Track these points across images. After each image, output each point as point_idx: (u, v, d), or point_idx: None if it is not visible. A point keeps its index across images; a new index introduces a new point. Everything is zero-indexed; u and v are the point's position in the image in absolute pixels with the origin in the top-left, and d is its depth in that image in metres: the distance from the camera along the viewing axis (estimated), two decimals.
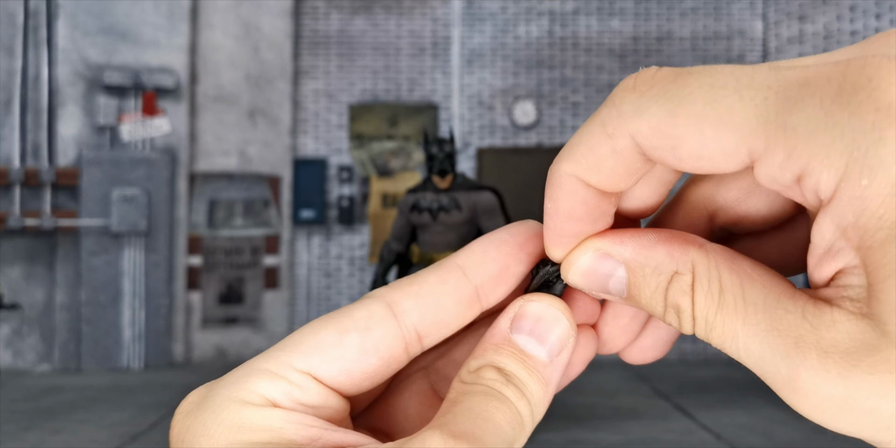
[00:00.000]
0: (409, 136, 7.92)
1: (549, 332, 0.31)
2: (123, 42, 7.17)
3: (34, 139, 7.04)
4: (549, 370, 0.31)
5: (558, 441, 4.68)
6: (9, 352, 7.03)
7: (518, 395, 0.30)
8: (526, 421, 0.30)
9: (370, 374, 0.31)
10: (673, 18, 7.99)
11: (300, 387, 0.30)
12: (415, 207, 4.51)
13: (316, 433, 0.29)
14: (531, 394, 0.30)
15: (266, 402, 0.29)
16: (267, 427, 0.29)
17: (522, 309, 0.31)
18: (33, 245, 7.02)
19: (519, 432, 0.29)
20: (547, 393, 0.31)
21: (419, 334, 0.32)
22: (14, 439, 4.59)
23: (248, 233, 7.53)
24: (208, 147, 7.47)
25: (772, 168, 0.26)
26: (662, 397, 5.97)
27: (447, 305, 0.32)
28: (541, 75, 8.00)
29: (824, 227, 0.25)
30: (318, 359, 0.30)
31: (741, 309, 0.27)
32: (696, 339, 7.83)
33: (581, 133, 0.29)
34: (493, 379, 0.30)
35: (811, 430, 4.93)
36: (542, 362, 0.31)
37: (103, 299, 6.95)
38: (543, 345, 0.31)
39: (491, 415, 0.28)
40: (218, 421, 0.29)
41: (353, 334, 0.31)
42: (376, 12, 8.02)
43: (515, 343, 0.31)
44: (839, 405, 0.25)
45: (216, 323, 7.42)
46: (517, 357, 0.31)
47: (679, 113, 0.26)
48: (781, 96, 0.25)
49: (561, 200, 0.31)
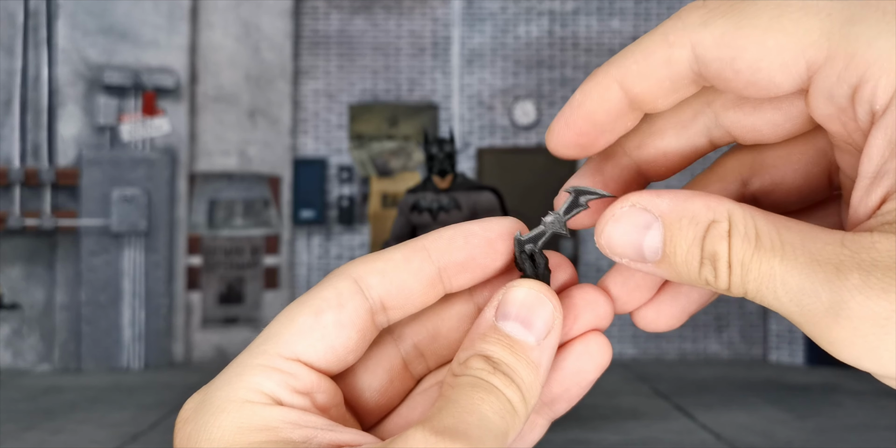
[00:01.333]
0: (409, 136, 7.91)
1: (533, 316, 0.31)
2: (123, 42, 7.17)
3: (34, 139, 7.04)
4: (538, 353, 0.31)
5: (558, 441, 4.68)
6: (9, 352, 7.03)
7: (506, 382, 0.30)
8: (518, 407, 0.30)
9: (352, 348, 0.32)
10: None
11: (293, 374, 0.31)
12: (415, 207, 4.51)
13: (311, 433, 0.29)
14: (521, 379, 0.30)
15: (265, 398, 0.30)
16: (265, 426, 0.29)
17: (505, 296, 0.32)
18: (33, 245, 7.02)
19: (511, 420, 0.29)
20: (538, 376, 0.31)
21: (384, 306, 0.33)
22: (14, 439, 4.59)
23: (248, 233, 7.53)
24: (208, 147, 7.47)
25: (829, 80, 0.26)
26: (662, 397, 5.97)
27: (410, 283, 0.33)
28: (541, 75, 8.00)
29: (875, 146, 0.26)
30: (303, 343, 0.31)
31: (778, 249, 0.27)
32: (696, 339, 7.83)
33: (639, 42, 0.30)
34: (479, 368, 0.30)
35: (811, 430, 4.93)
36: (529, 346, 0.31)
37: (103, 299, 6.95)
38: (529, 329, 0.31)
39: (477, 407, 0.29)
40: (217, 424, 0.29)
41: (328, 313, 0.32)
42: (376, 12, 8.02)
43: (501, 330, 0.31)
44: (882, 324, 0.25)
45: (216, 323, 7.42)
46: (503, 343, 0.31)
47: (744, 25, 0.27)
48: (846, 12, 0.26)
49: (590, 98, 0.31)
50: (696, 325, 7.86)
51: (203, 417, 0.29)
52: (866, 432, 4.89)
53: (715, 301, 8.01)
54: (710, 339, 7.86)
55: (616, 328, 7.82)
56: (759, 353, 7.84)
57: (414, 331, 0.36)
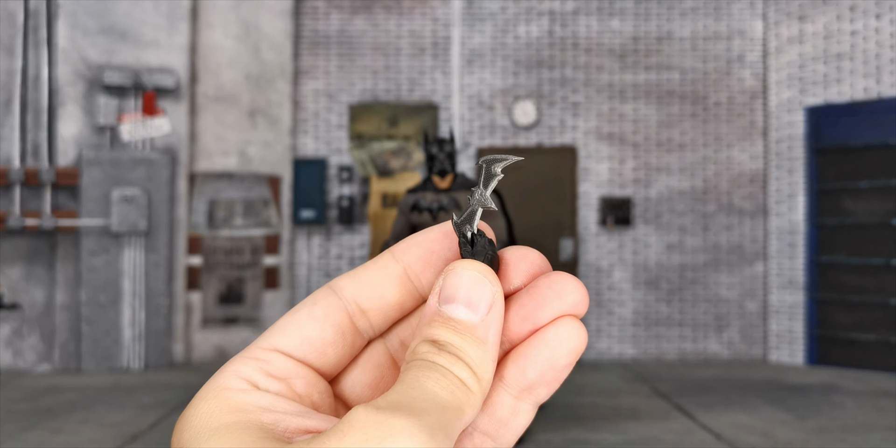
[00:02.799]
0: (409, 136, 7.91)
1: (472, 295, 0.33)
2: (123, 42, 7.17)
3: (34, 139, 7.03)
4: (483, 330, 0.32)
5: (558, 441, 4.68)
6: (9, 352, 7.02)
7: (452, 360, 0.31)
8: (469, 382, 0.31)
9: (329, 341, 0.34)
10: (673, 18, 7.99)
11: (268, 361, 0.33)
12: (415, 207, 4.50)
13: (280, 417, 0.31)
14: (469, 356, 0.31)
15: (242, 384, 0.32)
16: (236, 409, 0.31)
17: (444, 281, 0.33)
18: (33, 245, 7.02)
19: (463, 395, 0.30)
20: (486, 351, 0.32)
21: (361, 308, 0.35)
22: (14, 439, 4.59)
23: (248, 233, 7.52)
24: (208, 147, 7.47)
25: None
26: (662, 397, 5.97)
27: (378, 280, 0.35)
28: (541, 75, 7.99)
29: None
30: (278, 335, 0.34)
31: None
32: (696, 339, 7.83)
33: None
34: (426, 351, 0.31)
35: (811, 430, 4.93)
36: (472, 324, 0.32)
37: (103, 299, 6.95)
38: (470, 307, 0.32)
39: (421, 383, 0.30)
40: (196, 411, 0.32)
41: (302, 310, 0.35)
42: (376, 12, 8.02)
43: (444, 313, 0.33)
44: None
45: (216, 323, 7.42)
46: (448, 326, 0.32)
47: None
48: None
49: None
50: (696, 325, 7.86)
51: (189, 410, 0.32)
52: (866, 432, 4.89)
53: (715, 301, 8.00)
54: (710, 339, 7.86)
55: (616, 328, 7.82)
56: (759, 353, 7.84)
57: (399, 327, 0.37)
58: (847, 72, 7.28)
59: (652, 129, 7.94)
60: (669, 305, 7.86)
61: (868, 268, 7.16)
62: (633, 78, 7.96)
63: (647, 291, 7.87)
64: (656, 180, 7.93)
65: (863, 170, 7.23)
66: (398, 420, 0.28)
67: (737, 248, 7.89)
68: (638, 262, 7.88)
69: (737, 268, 7.88)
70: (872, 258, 7.13)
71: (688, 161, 7.93)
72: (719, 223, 7.90)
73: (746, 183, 7.91)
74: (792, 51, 7.67)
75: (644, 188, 7.92)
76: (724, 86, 7.95)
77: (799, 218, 7.60)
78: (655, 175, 7.93)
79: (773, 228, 7.79)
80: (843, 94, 7.30)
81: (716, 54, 7.97)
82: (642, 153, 7.94)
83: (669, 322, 7.85)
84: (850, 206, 7.30)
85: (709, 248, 7.89)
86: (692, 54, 7.97)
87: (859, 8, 7.24)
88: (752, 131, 7.93)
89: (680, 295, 7.87)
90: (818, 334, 7.46)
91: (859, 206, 7.25)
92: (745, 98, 7.94)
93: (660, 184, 7.93)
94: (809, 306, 7.51)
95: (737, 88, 7.94)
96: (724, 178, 7.92)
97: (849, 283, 7.29)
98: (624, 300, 7.86)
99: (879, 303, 7.08)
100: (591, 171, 7.92)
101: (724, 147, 7.94)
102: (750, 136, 7.94)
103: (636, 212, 7.90)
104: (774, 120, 7.80)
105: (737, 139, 7.94)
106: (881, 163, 7.11)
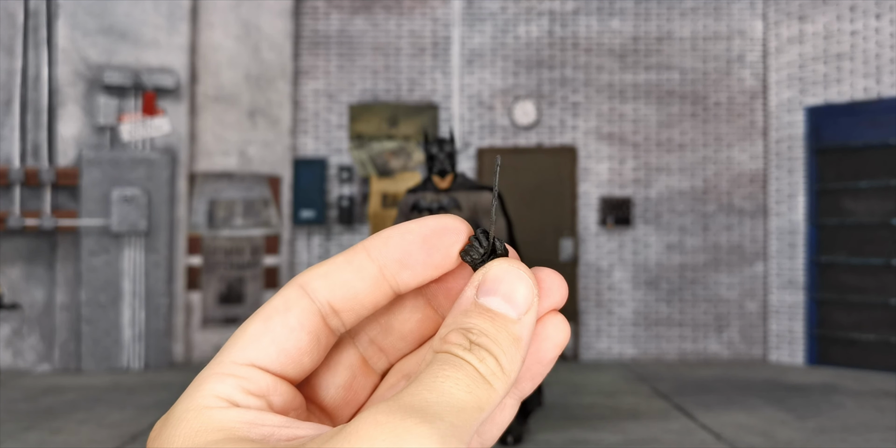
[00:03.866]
0: (409, 136, 7.91)
1: (514, 291, 0.32)
2: (123, 42, 7.16)
3: (34, 139, 7.03)
4: (519, 327, 0.32)
5: (558, 441, 4.68)
6: (9, 352, 7.02)
7: (481, 356, 0.30)
8: (493, 379, 0.30)
9: (305, 350, 0.33)
10: (673, 18, 7.98)
11: (247, 378, 0.32)
12: (415, 207, 4.50)
13: (268, 431, 0.30)
14: (502, 350, 0.31)
15: (221, 402, 0.31)
16: (220, 427, 0.30)
17: (486, 274, 0.33)
18: (33, 245, 7.02)
19: (485, 393, 0.30)
20: (519, 348, 0.32)
21: (334, 308, 0.34)
22: (14, 439, 4.59)
23: (248, 233, 7.52)
24: (208, 147, 7.46)
25: None
26: (662, 397, 5.96)
27: (353, 282, 0.34)
28: (541, 75, 7.99)
29: None
30: (254, 348, 0.32)
31: None
32: (696, 339, 7.83)
33: None
34: (455, 344, 0.31)
35: (811, 430, 4.92)
36: (511, 319, 0.32)
37: (103, 299, 6.95)
38: (510, 303, 0.32)
39: (440, 384, 0.29)
40: (178, 433, 0.30)
41: (276, 318, 0.33)
42: (376, 12, 8.02)
43: (483, 305, 0.32)
44: None
45: (216, 323, 7.42)
46: (485, 316, 0.32)
47: None
48: None
49: None
50: (696, 325, 7.86)
51: (166, 431, 0.30)
52: (866, 432, 4.89)
53: (715, 301, 7.99)
54: (710, 339, 7.86)
55: (616, 328, 7.82)
56: (759, 353, 7.84)
57: (367, 326, 0.37)
58: (847, 72, 7.28)
59: (652, 129, 7.94)
60: (669, 305, 7.86)
61: (868, 268, 7.16)
62: (633, 78, 7.96)
63: (647, 291, 7.87)
64: (656, 180, 7.93)
65: (863, 170, 7.23)
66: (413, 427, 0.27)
67: (737, 248, 7.89)
68: (638, 262, 7.88)
69: (737, 268, 7.88)
70: (872, 258, 7.13)
71: (688, 161, 7.93)
72: (719, 223, 7.90)
73: (746, 183, 7.91)
74: (792, 51, 7.67)
75: (644, 188, 7.92)
76: (724, 86, 7.95)
77: (799, 218, 7.60)
78: (655, 175, 7.93)
79: (773, 228, 7.79)
80: (843, 94, 7.30)
81: (716, 54, 7.97)
82: (642, 153, 7.94)
83: (669, 322, 7.85)
84: (850, 206, 7.30)
85: (709, 248, 7.89)
86: (692, 54, 7.97)
87: (859, 8, 7.24)
88: (752, 131, 7.93)
89: (680, 295, 7.87)
90: (818, 334, 7.46)
91: (859, 206, 7.25)
92: (745, 98, 7.94)
93: (660, 184, 7.93)
94: (809, 306, 7.51)
95: (737, 88, 7.94)
96: (724, 178, 7.92)
97: (849, 283, 7.29)
98: (624, 300, 7.86)
99: (879, 303, 7.08)
100: (591, 171, 7.92)
101: (724, 147, 7.94)
102: (750, 136, 7.94)
103: (636, 212, 7.90)
104: (774, 120, 7.80)
105: (737, 139, 7.94)
106: (881, 163, 7.11)
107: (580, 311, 7.80)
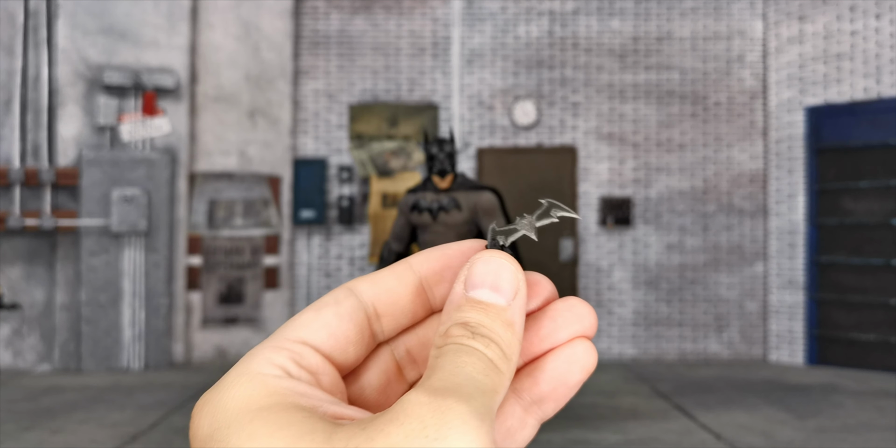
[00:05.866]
0: (409, 136, 7.91)
1: (499, 280, 0.34)
2: (123, 42, 7.16)
3: (34, 139, 7.03)
4: (510, 313, 0.34)
5: (558, 441, 4.68)
6: (9, 352, 7.02)
7: (486, 343, 0.33)
8: (500, 365, 0.32)
9: (352, 340, 0.36)
10: (673, 18, 7.98)
11: (299, 353, 0.34)
12: (415, 207, 4.50)
13: (317, 403, 0.32)
14: (499, 337, 0.33)
15: (276, 370, 0.33)
16: (274, 392, 0.31)
17: (471, 269, 0.35)
18: (33, 245, 7.02)
19: (496, 377, 0.32)
20: (514, 333, 0.34)
21: (377, 311, 0.36)
22: (14, 439, 4.59)
23: (248, 233, 7.52)
24: (208, 147, 7.47)
25: None
26: (662, 397, 5.97)
27: (396, 288, 0.37)
28: (541, 75, 7.99)
29: None
30: (307, 330, 0.35)
31: None
32: (696, 339, 7.83)
33: None
34: (459, 335, 0.33)
35: (811, 430, 4.93)
36: (501, 307, 0.34)
37: (103, 299, 6.95)
38: (498, 292, 0.34)
39: (462, 369, 0.31)
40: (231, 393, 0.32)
41: (328, 308, 0.36)
42: (376, 12, 8.02)
43: (472, 298, 0.34)
44: None
45: (216, 323, 7.42)
46: (477, 308, 0.34)
47: None
48: None
49: None
50: (696, 325, 7.86)
51: (217, 395, 0.32)
52: (866, 432, 4.89)
53: (715, 301, 7.99)
54: (710, 339, 7.86)
55: (616, 328, 7.82)
56: (759, 353, 7.84)
57: (405, 337, 0.39)
58: (847, 72, 7.28)
59: (652, 129, 7.94)
60: (669, 305, 7.86)
61: (868, 268, 7.16)
62: (633, 78, 7.96)
63: (647, 291, 7.87)
64: (656, 180, 7.93)
65: (863, 170, 7.23)
66: (453, 406, 0.29)
67: (737, 248, 7.89)
68: (638, 262, 7.88)
69: (737, 268, 7.88)
70: (872, 258, 7.13)
71: (688, 161, 7.93)
72: (719, 223, 7.90)
73: (746, 183, 7.91)
74: (792, 51, 7.67)
75: (644, 188, 7.92)
76: (724, 86, 7.95)
77: (799, 218, 7.60)
78: (655, 175, 7.93)
79: (773, 228, 7.79)
80: (843, 94, 7.30)
81: (716, 54, 7.97)
82: (642, 153, 7.94)
83: (669, 322, 7.85)
84: (850, 206, 7.30)
85: (709, 248, 7.89)
86: (692, 54, 7.97)
87: (859, 8, 7.24)
88: (752, 131, 7.93)
89: (680, 295, 7.87)
90: (818, 334, 7.46)
91: (859, 206, 7.25)
92: (745, 98, 7.94)
93: (660, 184, 7.93)
94: (809, 306, 7.51)
95: (737, 88, 7.94)
96: (724, 178, 7.92)
97: (849, 283, 7.29)
98: (624, 300, 7.86)
99: (879, 303, 7.08)
100: (591, 171, 7.92)
101: (724, 147, 7.94)
102: (750, 136, 7.94)
103: (636, 212, 7.90)
104: (774, 120, 7.80)
105: (737, 139, 7.94)
106: (881, 163, 7.11)
107: None
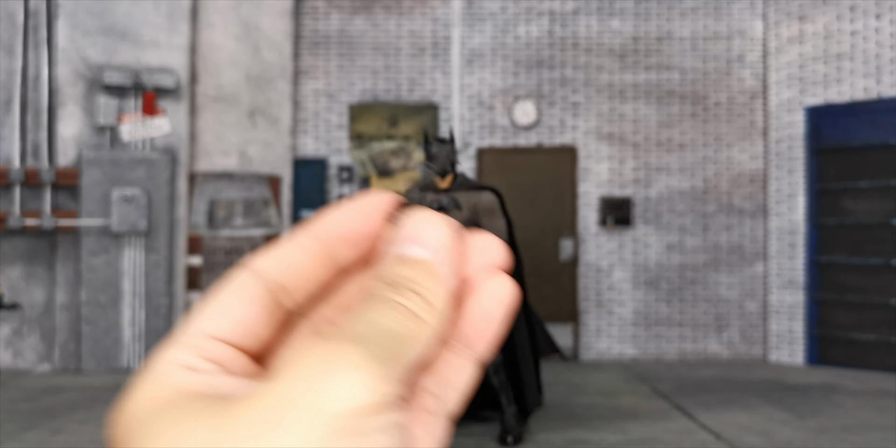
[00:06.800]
0: (409, 136, 7.91)
1: (423, 235, 0.34)
2: (123, 42, 7.16)
3: (34, 139, 7.03)
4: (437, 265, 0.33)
5: (558, 441, 4.68)
6: (9, 352, 7.02)
7: (406, 294, 0.31)
8: (421, 312, 0.31)
9: (261, 321, 0.34)
10: (673, 18, 7.99)
11: (203, 347, 0.33)
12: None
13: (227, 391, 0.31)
14: (422, 286, 0.32)
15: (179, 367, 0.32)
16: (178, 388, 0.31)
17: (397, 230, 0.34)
18: (33, 245, 7.02)
19: (415, 324, 0.31)
20: (440, 283, 0.33)
21: (282, 285, 0.35)
22: (14, 439, 4.59)
23: (248, 233, 7.53)
24: (208, 147, 7.47)
25: None
26: (662, 397, 5.97)
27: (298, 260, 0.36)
28: (541, 75, 7.99)
29: None
30: (206, 319, 0.34)
31: None
32: (696, 339, 7.83)
33: None
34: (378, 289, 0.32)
35: (811, 430, 4.93)
36: (426, 260, 0.33)
37: (103, 299, 6.95)
38: (423, 246, 0.33)
39: (364, 316, 0.30)
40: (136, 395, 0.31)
41: (225, 292, 0.34)
42: (376, 12, 8.02)
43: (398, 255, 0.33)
44: None
45: None
46: (403, 264, 0.33)
47: None
48: None
49: None
50: (696, 325, 7.86)
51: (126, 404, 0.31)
52: (866, 432, 4.89)
53: (715, 301, 7.99)
54: (710, 339, 7.86)
55: (616, 328, 7.82)
56: (759, 353, 7.84)
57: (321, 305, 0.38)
58: (847, 72, 7.28)
59: (652, 129, 7.95)
60: (669, 305, 7.87)
61: (868, 268, 7.16)
62: (633, 78, 7.96)
63: (647, 291, 7.87)
64: (656, 180, 7.93)
65: (863, 170, 7.23)
66: (346, 348, 0.28)
67: (737, 248, 7.89)
68: (638, 262, 7.88)
69: (737, 268, 7.88)
70: (872, 258, 7.13)
71: (688, 161, 7.93)
72: (719, 223, 7.90)
73: (746, 183, 7.91)
74: (792, 51, 7.67)
75: (644, 188, 7.92)
76: (724, 86, 7.95)
77: (799, 218, 7.61)
78: (655, 175, 7.93)
79: (773, 228, 7.79)
80: (843, 94, 7.30)
81: (716, 54, 7.97)
82: (642, 153, 7.94)
83: (669, 322, 7.86)
84: (850, 206, 7.30)
85: (709, 248, 7.90)
86: (692, 54, 7.97)
87: (859, 8, 7.24)
88: (752, 131, 7.94)
89: (680, 295, 7.87)
90: (818, 334, 7.46)
91: (859, 206, 7.25)
92: (745, 98, 7.94)
93: (660, 184, 7.93)
94: (809, 306, 7.51)
95: (737, 88, 7.95)
96: (724, 178, 7.93)
97: (849, 283, 7.29)
98: (624, 300, 7.86)
99: (879, 303, 7.08)
100: (590, 171, 7.92)
101: (724, 147, 7.94)
102: (750, 136, 7.94)
103: (636, 212, 7.91)
104: (774, 120, 7.80)
105: (737, 139, 7.94)
106: (881, 163, 7.11)
107: (580, 311, 7.80)
